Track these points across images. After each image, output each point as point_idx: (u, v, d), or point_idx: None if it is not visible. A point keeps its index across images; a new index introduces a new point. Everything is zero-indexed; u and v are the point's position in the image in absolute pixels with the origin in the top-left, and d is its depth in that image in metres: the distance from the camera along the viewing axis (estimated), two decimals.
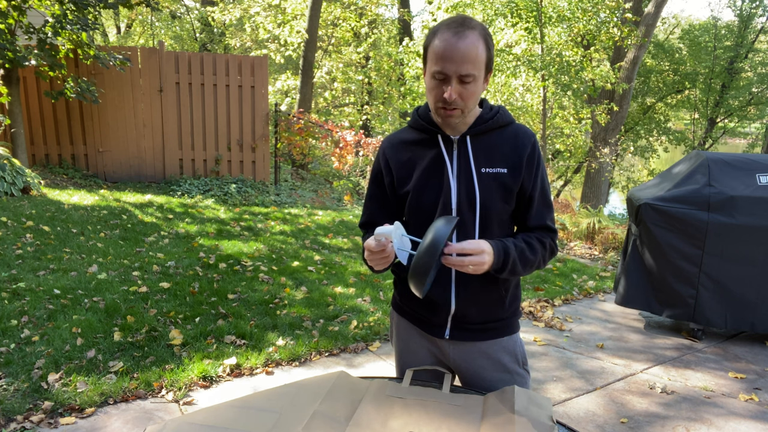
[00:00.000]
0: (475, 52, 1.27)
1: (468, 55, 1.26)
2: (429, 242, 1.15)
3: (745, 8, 17.21)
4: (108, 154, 8.08)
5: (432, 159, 1.42)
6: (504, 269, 1.34)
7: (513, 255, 1.34)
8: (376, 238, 1.25)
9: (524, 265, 1.38)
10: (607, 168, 11.88)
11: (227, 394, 2.82)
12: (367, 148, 8.51)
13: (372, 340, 3.58)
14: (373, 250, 1.25)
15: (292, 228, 6.29)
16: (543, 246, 1.42)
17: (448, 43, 1.27)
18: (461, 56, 1.26)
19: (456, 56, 1.26)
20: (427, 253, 1.15)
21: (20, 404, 2.54)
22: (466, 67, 1.26)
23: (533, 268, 1.41)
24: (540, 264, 1.43)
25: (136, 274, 4.27)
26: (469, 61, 1.26)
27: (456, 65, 1.26)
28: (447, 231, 1.17)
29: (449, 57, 1.26)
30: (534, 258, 1.39)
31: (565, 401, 2.97)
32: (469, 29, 1.27)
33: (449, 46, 1.26)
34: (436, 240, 1.15)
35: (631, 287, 3.98)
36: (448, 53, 1.26)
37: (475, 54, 1.27)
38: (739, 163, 3.81)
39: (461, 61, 1.26)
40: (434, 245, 1.15)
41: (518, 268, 1.36)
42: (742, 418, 2.85)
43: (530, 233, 1.43)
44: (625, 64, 11.03)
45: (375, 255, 1.27)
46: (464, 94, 1.30)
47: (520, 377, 1.52)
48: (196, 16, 16.66)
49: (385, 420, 1.19)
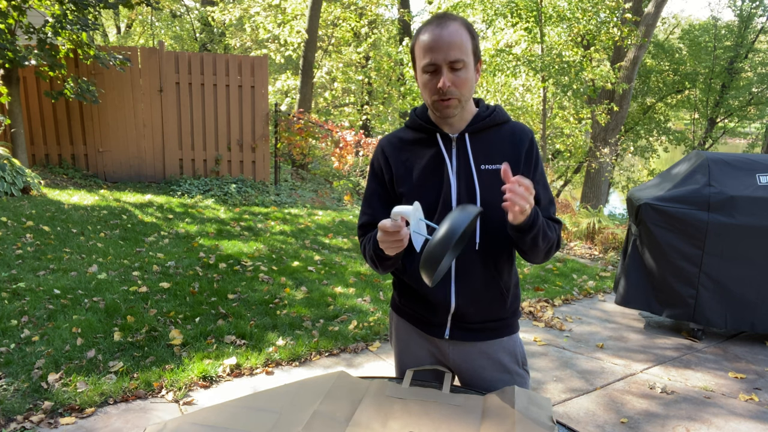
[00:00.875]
0: (460, 39, 1.30)
1: (453, 41, 1.29)
2: (444, 232, 1.10)
3: (745, 8, 17.21)
4: (108, 154, 8.08)
5: (431, 158, 1.42)
6: (532, 228, 1.29)
7: (541, 218, 1.33)
8: (393, 217, 1.21)
9: (544, 237, 1.35)
10: (607, 168, 11.88)
11: (227, 394, 2.82)
12: (367, 148, 8.51)
13: (372, 340, 3.58)
14: (388, 230, 1.19)
15: (292, 228, 6.29)
16: (554, 232, 1.42)
17: (432, 34, 1.30)
18: (447, 44, 1.29)
19: (442, 45, 1.29)
20: (440, 242, 1.10)
21: (20, 404, 2.54)
22: (453, 53, 1.29)
23: (548, 246, 1.39)
24: (552, 248, 1.41)
25: (136, 274, 4.27)
26: (456, 47, 1.29)
27: (444, 53, 1.29)
28: (464, 221, 1.12)
29: (436, 47, 1.29)
30: (551, 235, 1.38)
31: (565, 401, 2.97)
32: (450, 20, 1.31)
33: (434, 37, 1.29)
34: (451, 230, 1.10)
35: (631, 287, 3.98)
36: (434, 43, 1.29)
37: (461, 40, 1.30)
38: (739, 163, 3.81)
39: (448, 48, 1.29)
40: (449, 235, 1.10)
41: (540, 236, 1.33)
42: (742, 418, 2.84)
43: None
44: (625, 64, 11.03)
45: (389, 236, 1.21)
46: (457, 81, 1.32)
47: (520, 377, 1.51)
48: (196, 16, 16.66)
49: (385, 420, 1.19)
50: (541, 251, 1.38)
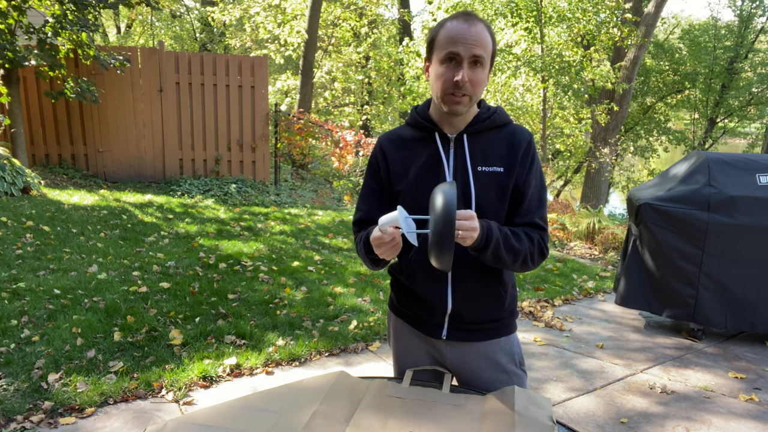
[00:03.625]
0: (485, 39, 1.32)
1: (479, 38, 1.31)
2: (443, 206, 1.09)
3: (745, 8, 17.21)
4: (108, 154, 8.08)
5: (428, 157, 1.42)
6: (487, 248, 1.29)
7: (496, 234, 1.30)
8: (381, 229, 1.21)
9: (508, 251, 1.32)
10: (607, 168, 11.88)
11: (227, 394, 2.82)
12: (367, 148, 8.51)
13: (372, 340, 3.58)
14: (386, 240, 1.22)
15: (292, 228, 6.29)
16: (531, 240, 1.37)
17: (459, 27, 1.31)
18: (474, 39, 1.30)
19: (469, 38, 1.30)
20: (444, 217, 1.09)
21: (20, 404, 2.54)
22: (478, 49, 1.30)
23: (519, 259, 1.35)
24: (527, 258, 1.37)
25: (136, 274, 4.27)
26: (480, 44, 1.31)
27: (468, 47, 1.30)
28: (454, 193, 1.12)
29: (462, 39, 1.30)
30: (520, 247, 1.34)
31: (565, 401, 2.97)
32: (477, 19, 1.33)
33: (462, 30, 1.31)
34: (448, 202, 1.09)
35: (631, 287, 3.98)
36: (460, 36, 1.30)
37: (486, 40, 1.32)
38: (739, 163, 3.81)
39: (474, 44, 1.30)
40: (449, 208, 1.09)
41: (501, 251, 1.31)
42: (742, 418, 2.84)
43: (516, 228, 1.40)
44: (625, 64, 11.03)
45: (387, 245, 1.24)
46: (474, 79, 1.32)
47: (518, 378, 1.51)
48: (196, 16, 16.66)
49: (384, 420, 1.19)
50: (510, 263, 1.35)
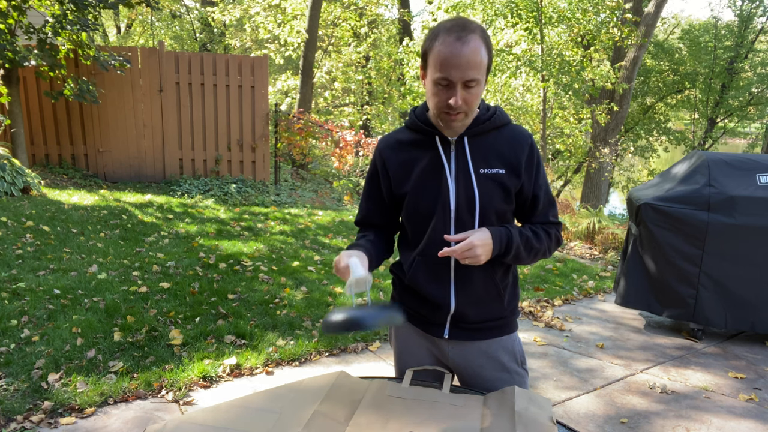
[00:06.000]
0: (479, 58, 1.26)
1: (472, 61, 1.25)
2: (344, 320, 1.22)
3: (745, 8, 17.21)
4: (108, 154, 8.08)
5: (429, 160, 1.42)
6: (507, 254, 1.37)
7: (516, 241, 1.38)
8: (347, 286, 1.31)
9: (529, 252, 1.42)
10: (607, 168, 11.88)
11: (227, 394, 2.82)
12: (367, 148, 8.51)
13: (372, 340, 3.58)
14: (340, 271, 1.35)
15: (292, 228, 6.29)
16: (549, 236, 1.46)
17: (452, 48, 1.25)
18: (466, 62, 1.25)
19: (461, 63, 1.25)
20: (338, 323, 1.23)
21: (20, 404, 2.54)
22: (470, 73, 1.26)
23: (538, 256, 1.45)
24: (545, 253, 1.47)
25: (136, 274, 4.27)
26: (474, 67, 1.26)
27: (461, 72, 1.25)
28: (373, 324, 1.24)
29: (455, 64, 1.25)
30: (539, 246, 1.43)
31: (565, 401, 2.97)
32: (471, 33, 1.26)
33: (454, 53, 1.24)
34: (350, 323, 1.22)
35: (631, 287, 3.98)
36: (453, 60, 1.25)
37: (479, 59, 1.27)
38: (739, 163, 3.81)
39: (466, 68, 1.25)
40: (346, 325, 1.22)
41: (522, 254, 1.40)
42: (742, 418, 2.85)
43: (536, 225, 1.48)
44: (625, 64, 11.02)
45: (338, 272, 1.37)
46: (468, 99, 1.31)
47: (519, 376, 1.52)
48: (196, 16, 16.66)
49: (385, 420, 1.19)
50: (528, 260, 1.45)
